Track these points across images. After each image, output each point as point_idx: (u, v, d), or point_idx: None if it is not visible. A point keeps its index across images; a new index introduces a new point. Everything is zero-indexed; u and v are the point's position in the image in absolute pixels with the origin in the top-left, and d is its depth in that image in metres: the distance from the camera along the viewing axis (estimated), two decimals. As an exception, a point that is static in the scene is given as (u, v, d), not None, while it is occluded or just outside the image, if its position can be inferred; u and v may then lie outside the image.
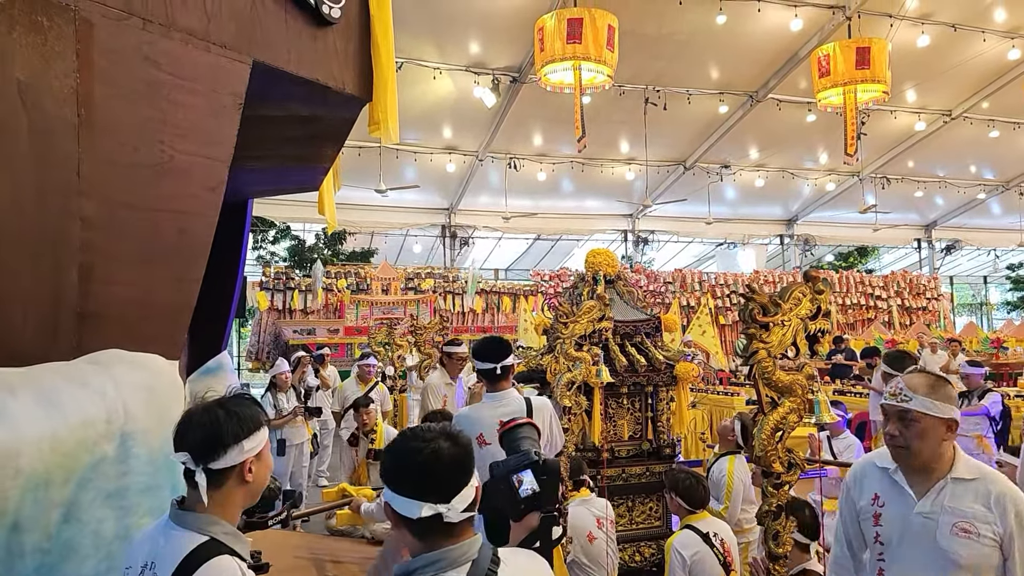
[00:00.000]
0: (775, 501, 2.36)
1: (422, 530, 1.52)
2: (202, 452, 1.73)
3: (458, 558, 1.52)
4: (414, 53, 13.08)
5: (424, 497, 1.50)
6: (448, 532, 1.53)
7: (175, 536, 1.76)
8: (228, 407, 1.79)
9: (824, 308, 2.41)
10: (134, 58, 2.12)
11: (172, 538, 1.76)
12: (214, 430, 1.75)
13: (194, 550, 1.71)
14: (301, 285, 14.49)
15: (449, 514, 1.50)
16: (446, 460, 1.54)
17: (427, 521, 1.50)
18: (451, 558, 1.51)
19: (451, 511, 1.51)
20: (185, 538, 1.74)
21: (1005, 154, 18.51)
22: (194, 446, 1.73)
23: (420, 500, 1.50)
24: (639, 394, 5.10)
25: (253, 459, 1.81)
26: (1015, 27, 13.83)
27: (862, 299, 19.12)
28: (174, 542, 1.75)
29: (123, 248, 2.25)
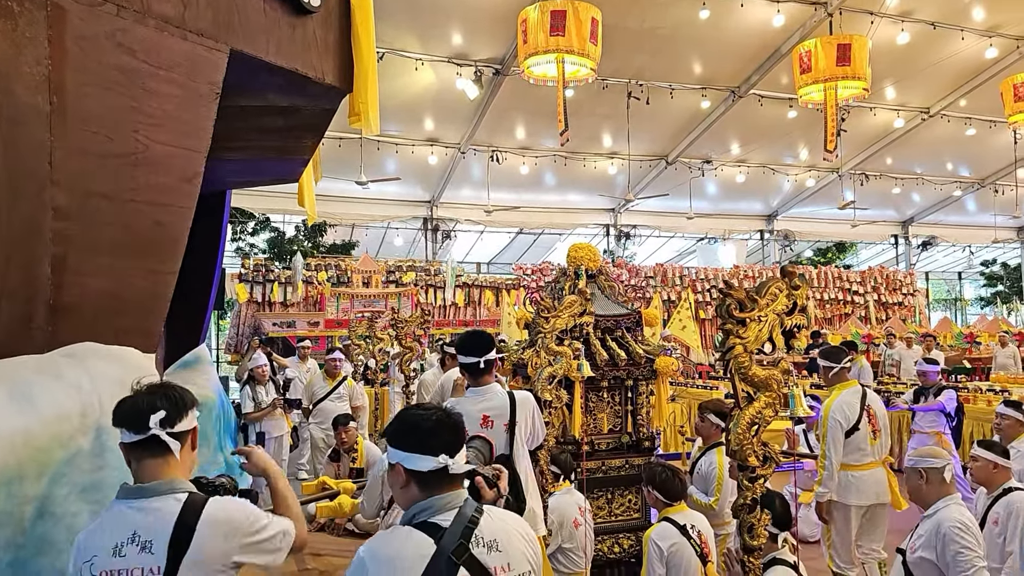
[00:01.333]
0: (750, 494, 2.38)
1: (428, 481, 1.79)
2: (168, 418, 1.93)
3: (446, 504, 1.79)
4: (396, 44, 12.98)
5: (435, 452, 1.77)
6: (448, 483, 1.81)
7: (153, 506, 1.88)
8: (168, 383, 2.03)
9: (800, 304, 2.43)
10: (108, 45, 2.08)
11: (150, 510, 1.88)
12: (176, 397, 1.98)
13: (184, 506, 1.88)
14: (281, 277, 14.37)
15: (454, 467, 1.78)
16: (450, 424, 1.84)
17: (435, 473, 1.78)
18: (440, 504, 1.78)
19: (455, 464, 1.79)
20: (166, 502, 1.89)
21: (981, 152, 18.77)
22: (163, 411, 1.93)
23: (431, 455, 1.77)
24: (619, 388, 5.14)
25: (194, 432, 2.03)
26: (993, 26, 14.01)
27: (840, 294, 19.34)
28: (155, 511, 1.88)
29: (97, 239, 2.21)
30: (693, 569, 3.61)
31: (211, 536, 1.87)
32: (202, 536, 1.85)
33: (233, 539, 1.90)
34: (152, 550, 1.83)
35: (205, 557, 1.86)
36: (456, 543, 1.74)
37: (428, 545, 1.74)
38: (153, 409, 1.91)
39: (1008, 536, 4.26)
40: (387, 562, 1.76)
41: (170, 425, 1.92)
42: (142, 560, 1.83)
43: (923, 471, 3.44)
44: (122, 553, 1.84)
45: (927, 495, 3.42)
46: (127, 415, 1.92)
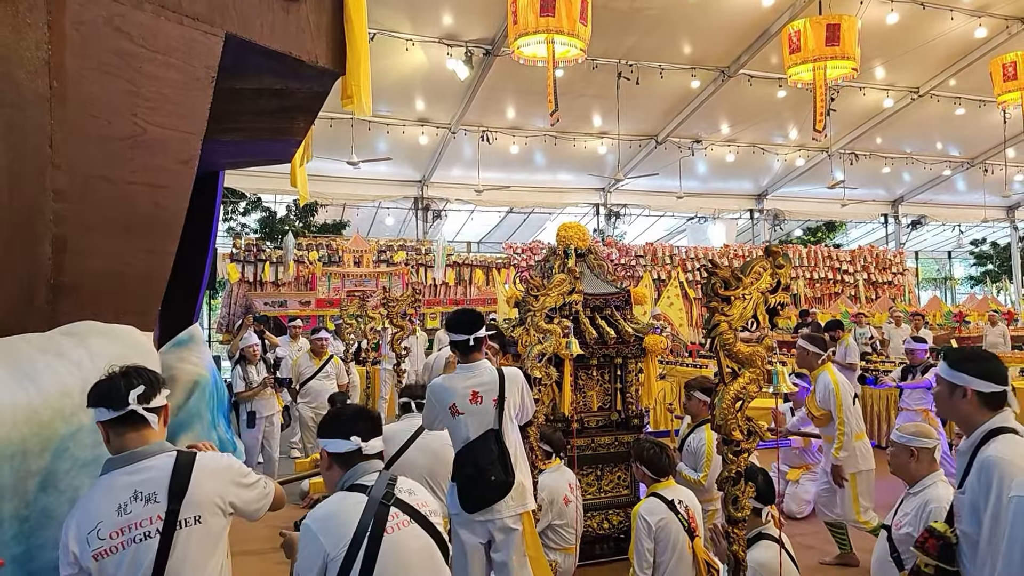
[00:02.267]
0: (734, 468, 2.47)
1: (346, 461, 2.22)
2: (145, 394, 2.08)
3: (367, 470, 2.23)
4: (386, 24, 12.89)
5: (348, 436, 2.21)
6: (363, 461, 2.23)
7: (147, 465, 2.05)
8: (139, 366, 2.15)
9: (784, 282, 2.50)
10: (106, 30, 2.11)
11: (144, 468, 2.05)
12: (151, 377, 2.11)
13: (177, 459, 2.08)
14: (272, 257, 14.37)
15: (367, 448, 2.23)
16: (366, 415, 2.33)
17: (350, 453, 2.20)
18: (362, 471, 2.22)
19: (368, 446, 2.23)
20: (158, 460, 2.07)
21: (971, 131, 18.83)
22: (141, 388, 2.07)
23: (345, 439, 2.21)
24: (608, 366, 5.21)
25: (166, 409, 2.19)
26: (982, 5, 14.02)
27: (829, 273, 19.47)
28: (151, 468, 2.05)
29: (97, 220, 2.26)
30: (681, 543, 3.69)
31: (206, 479, 2.08)
32: (198, 480, 2.06)
33: (225, 480, 2.13)
34: (157, 499, 2.02)
35: (203, 497, 2.07)
36: (384, 491, 2.16)
37: (360, 498, 2.14)
38: (131, 386, 2.05)
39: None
40: (326, 518, 2.13)
41: (147, 401, 2.07)
42: (149, 510, 2.01)
43: (915, 449, 3.50)
44: (128, 511, 2.00)
45: (915, 472, 3.48)
46: (106, 394, 2.05)
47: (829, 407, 5.12)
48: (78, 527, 2.01)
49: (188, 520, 2.04)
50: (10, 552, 2.20)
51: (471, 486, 3.46)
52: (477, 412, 3.51)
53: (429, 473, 4.44)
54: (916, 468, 3.53)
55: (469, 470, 3.46)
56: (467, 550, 3.49)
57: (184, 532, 2.02)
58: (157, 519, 2.00)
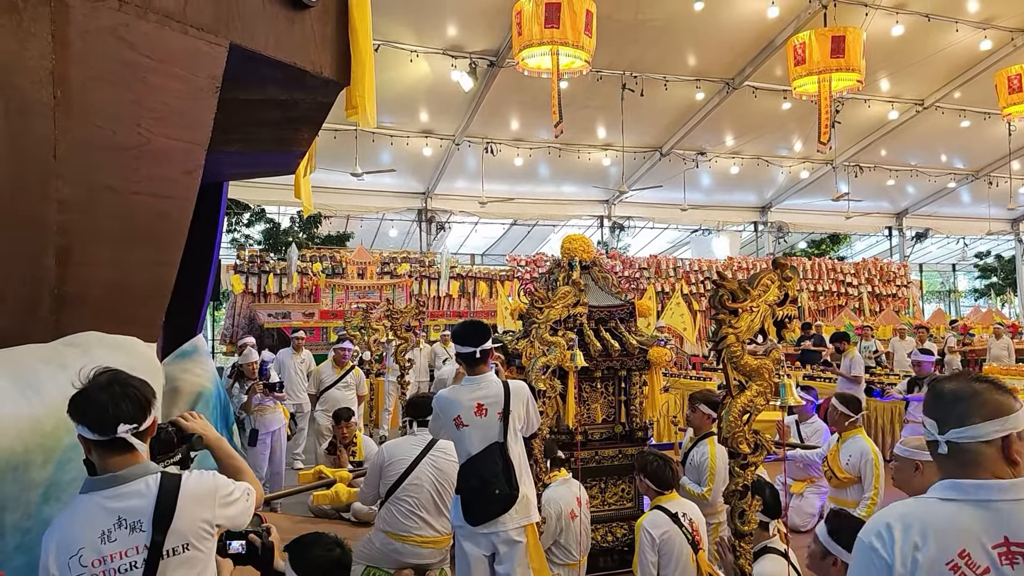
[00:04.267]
0: (741, 481, 2.44)
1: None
2: (135, 418, 1.98)
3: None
4: (391, 35, 12.96)
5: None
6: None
7: (131, 490, 1.98)
8: (126, 378, 2.03)
9: (792, 295, 2.49)
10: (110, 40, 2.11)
11: (129, 494, 1.97)
12: (139, 396, 2.00)
13: (161, 484, 1.99)
14: (276, 268, 14.38)
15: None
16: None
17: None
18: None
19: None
20: (142, 484, 1.99)
21: (975, 144, 18.82)
22: (130, 416, 1.97)
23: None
24: (612, 378, 5.18)
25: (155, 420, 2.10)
26: (988, 18, 14.04)
27: (833, 286, 19.40)
28: (135, 494, 1.97)
29: (101, 231, 2.25)
30: (685, 557, 3.66)
31: (191, 506, 2.02)
32: (183, 508, 2.00)
33: (210, 504, 2.06)
34: (142, 527, 1.96)
35: (189, 526, 2.01)
36: None
37: None
38: (119, 415, 1.95)
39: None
40: None
41: (137, 426, 1.99)
42: (134, 539, 1.95)
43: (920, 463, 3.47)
44: (112, 539, 1.93)
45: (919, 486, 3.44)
46: (92, 419, 1.95)
47: (859, 474, 4.92)
48: (58, 550, 1.95)
49: (174, 549, 1.98)
50: (12, 564, 2.18)
51: (475, 499, 3.43)
52: (482, 425, 3.49)
53: (437, 490, 4.41)
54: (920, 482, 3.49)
55: (473, 483, 3.44)
56: (471, 562, 3.47)
57: (169, 562, 1.97)
58: (142, 549, 1.94)
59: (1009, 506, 1.51)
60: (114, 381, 1.99)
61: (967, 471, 1.57)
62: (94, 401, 1.95)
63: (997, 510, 1.50)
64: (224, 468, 2.31)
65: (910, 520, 1.55)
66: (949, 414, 1.62)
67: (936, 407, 1.66)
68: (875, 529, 1.58)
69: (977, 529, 1.49)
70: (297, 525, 5.92)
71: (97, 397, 1.95)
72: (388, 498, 4.45)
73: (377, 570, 4.45)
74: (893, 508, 1.64)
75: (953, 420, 1.60)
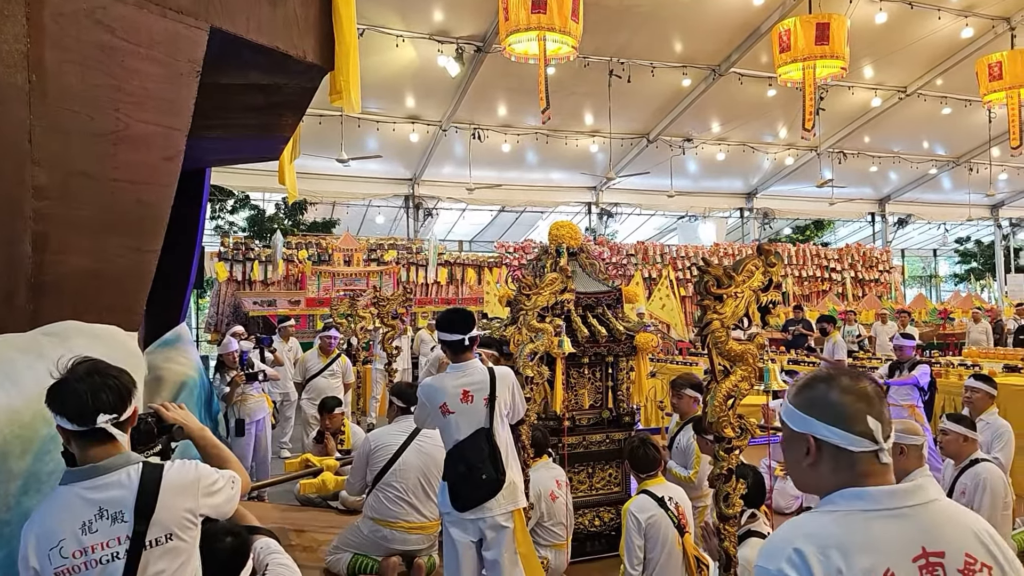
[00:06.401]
0: (726, 465, 2.46)
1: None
2: (115, 408, 1.96)
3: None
4: (376, 20, 12.82)
5: None
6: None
7: (111, 480, 1.96)
8: (105, 368, 2.00)
9: (776, 281, 2.49)
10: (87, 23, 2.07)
11: (109, 484, 1.95)
12: (119, 386, 1.98)
13: (143, 475, 1.97)
14: (261, 256, 14.28)
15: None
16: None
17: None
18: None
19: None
20: (123, 475, 1.97)
21: (956, 131, 18.97)
22: (110, 406, 1.95)
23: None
24: (600, 364, 5.20)
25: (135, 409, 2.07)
26: (969, 5, 14.11)
27: (818, 271, 19.57)
28: (116, 485, 1.95)
29: (78, 218, 2.21)
30: (671, 540, 3.70)
31: (174, 496, 2.00)
32: (165, 498, 1.98)
33: (193, 494, 2.05)
34: (124, 518, 1.94)
35: (172, 516, 1.99)
36: None
37: None
38: (99, 405, 1.93)
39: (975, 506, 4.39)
40: None
41: (117, 416, 1.97)
42: (116, 530, 1.93)
43: (904, 447, 3.52)
44: (93, 529, 1.92)
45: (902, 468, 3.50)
46: (71, 409, 1.93)
47: None
48: (38, 542, 1.93)
49: (157, 540, 1.96)
50: (-8, 556, 2.16)
51: (462, 485, 3.44)
52: (468, 411, 3.49)
53: (424, 475, 4.42)
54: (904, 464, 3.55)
55: (460, 469, 3.45)
56: (458, 548, 3.48)
57: (153, 552, 1.95)
58: (124, 540, 1.93)
59: (917, 511, 1.39)
60: (93, 371, 1.97)
61: (870, 478, 1.41)
62: (73, 391, 1.93)
63: (910, 518, 1.37)
64: (208, 458, 2.29)
65: (825, 541, 1.33)
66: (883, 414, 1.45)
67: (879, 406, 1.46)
68: (783, 554, 1.34)
69: (896, 543, 1.34)
70: (284, 514, 5.92)
71: (76, 387, 1.93)
72: (375, 485, 4.46)
73: (365, 557, 4.46)
74: (795, 527, 1.41)
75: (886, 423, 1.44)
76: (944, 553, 1.35)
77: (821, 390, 1.46)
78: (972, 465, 4.49)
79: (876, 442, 1.41)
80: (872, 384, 1.46)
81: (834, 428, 1.41)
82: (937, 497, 1.43)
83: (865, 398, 1.43)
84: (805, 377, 1.53)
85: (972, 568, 1.36)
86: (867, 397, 1.43)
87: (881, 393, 1.47)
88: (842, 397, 1.43)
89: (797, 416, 1.47)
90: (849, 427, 1.41)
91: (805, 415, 1.45)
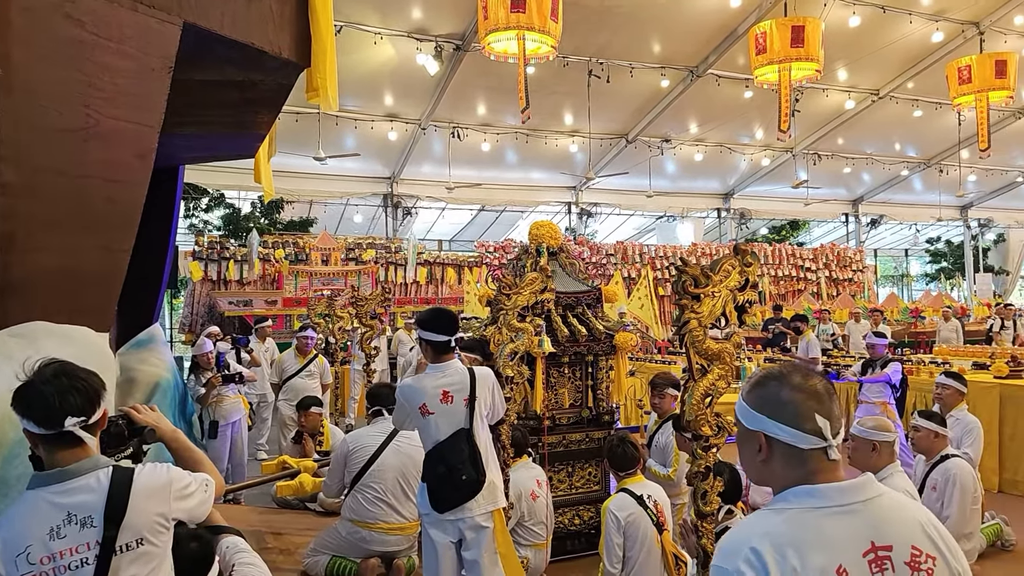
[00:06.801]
0: (704, 463, 2.47)
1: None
2: (84, 411, 1.92)
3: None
4: (353, 17, 12.73)
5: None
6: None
7: (80, 484, 1.92)
8: (73, 369, 1.96)
9: (752, 280, 2.51)
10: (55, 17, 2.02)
11: (78, 488, 1.91)
12: (87, 388, 1.94)
13: (113, 479, 1.93)
14: (237, 255, 14.12)
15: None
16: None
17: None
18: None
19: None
20: (92, 479, 1.93)
21: (927, 133, 19.28)
22: (78, 409, 1.91)
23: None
24: (579, 363, 5.21)
25: (105, 412, 2.03)
26: (940, 10, 14.35)
27: (793, 271, 19.81)
28: (85, 489, 1.91)
29: (47, 216, 2.16)
30: (650, 538, 3.72)
31: (145, 501, 1.96)
32: (136, 503, 1.94)
33: (164, 498, 2.01)
34: (93, 523, 1.90)
35: (143, 521, 1.95)
36: None
37: None
38: (67, 408, 1.89)
39: (945, 501, 4.48)
40: None
41: (86, 419, 1.93)
42: (85, 535, 1.89)
43: (877, 443, 3.57)
44: (61, 535, 1.87)
45: (875, 464, 3.56)
46: (38, 412, 1.89)
47: None
48: (5, 547, 1.88)
49: (128, 545, 1.92)
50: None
51: (442, 486, 3.42)
52: (448, 412, 3.47)
53: (403, 476, 4.40)
54: (876, 460, 3.62)
55: (440, 469, 3.43)
56: (438, 549, 3.46)
57: (123, 557, 1.92)
58: (94, 545, 1.89)
59: (864, 506, 1.40)
60: (61, 373, 1.92)
61: (820, 475, 1.43)
62: (40, 394, 1.88)
63: (859, 513, 1.39)
64: (181, 461, 2.25)
65: (780, 539, 1.35)
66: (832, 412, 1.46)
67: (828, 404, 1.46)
68: (740, 553, 1.36)
69: (847, 539, 1.36)
70: (262, 516, 5.85)
71: (43, 389, 1.88)
72: (354, 486, 4.43)
73: (343, 560, 4.42)
74: (751, 527, 1.44)
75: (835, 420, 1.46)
76: (892, 547, 1.38)
77: (772, 388, 1.47)
78: (943, 461, 4.59)
79: (825, 440, 1.42)
80: (823, 382, 1.48)
81: (784, 426, 1.43)
82: (884, 492, 1.45)
83: (815, 396, 1.44)
84: (757, 375, 1.54)
85: (918, 560, 1.38)
86: (817, 395, 1.45)
87: (832, 391, 1.48)
88: (793, 395, 1.44)
89: (750, 414, 1.49)
90: (799, 425, 1.42)
91: (757, 413, 1.47)
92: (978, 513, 4.70)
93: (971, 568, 4.35)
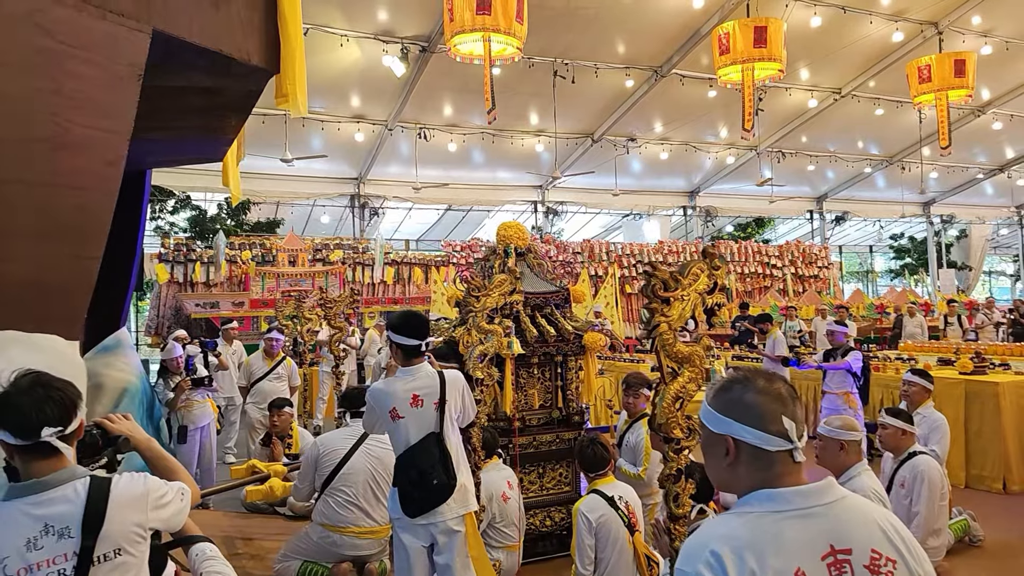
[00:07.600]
0: (675, 465, 2.52)
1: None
2: (60, 421, 1.91)
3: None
4: (320, 19, 12.63)
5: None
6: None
7: (57, 495, 1.91)
8: (49, 380, 1.95)
9: (721, 283, 2.58)
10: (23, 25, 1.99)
11: (55, 500, 1.90)
12: (63, 399, 1.93)
13: (90, 490, 1.93)
14: (203, 257, 13.93)
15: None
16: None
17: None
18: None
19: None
20: (69, 489, 1.92)
21: (889, 131, 19.74)
22: (55, 419, 1.90)
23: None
24: (549, 364, 5.25)
25: (81, 422, 2.01)
26: (899, 11, 14.72)
27: (759, 268, 20.12)
28: (62, 500, 1.91)
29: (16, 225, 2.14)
30: (621, 539, 3.75)
31: (122, 511, 1.96)
32: (114, 514, 1.94)
33: (142, 508, 2.01)
34: (70, 534, 1.89)
35: (120, 531, 1.95)
36: None
37: None
38: (44, 419, 1.88)
39: (914, 498, 4.54)
40: None
41: (63, 429, 1.92)
42: (62, 546, 1.88)
43: (844, 443, 3.65)
44: (38, 546, 1.86)
45: (843, 463, 3.63)
46: (13, 423, 1.88)
47: None
48: None
49: (105, 555, 1.92)
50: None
51: (413, 490, 3.42)
52: (418, 415, 3.47)
53: (373, 479, 4.40)
54: (844, 459, 3.69)
55: (411, 474, 3.42)
56: (410, 554, 3.46)
57: (101, 568, 1.91)
58: (71, 556, 1.88)
59: (825, 510, 1.42)
60: (37, 383, 1.92)
61: (785, 477, 1.45)
62: (15, 404, 1.88)
63: (819, 516, 1.41)
64: (156, 470, 2.25)
65: (739, 543, 1.37)
66: (797, 415, 1.49)
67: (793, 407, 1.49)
68: (700, 557, 1.38)
69: (806, 542, 1.38)
70: (232, 521, 5.79)
71: (19, 400, 1.88)
72: (324, 490, 4.41)
73: (314, 564, 4.40)
74: (711, 530, 1.45)
75: (799, 422, 1.48)
76: (851, 550, 1.39)
77: (737, 392, 1.50)
78: (910, 458, 4.64)
79: (791, 441, 1.45)
80: (786, 386, 1.51)
81: (751, 429, 1.46)
82: (845, 495, 1.47)
83: (780, 399, 1.48)
84: (721, 380, 1.57)
85: (877, 564, 1.40)
86: (782, 398, 1.48)
87: (795, 394, 1.52)
88: (758, 398, 1.47)
89: (715, 418, 1.51)
90: (765, 427, 1.45)
91: (723, 416, 1.50)
92: (946, 509, 4.74)
93: (940, 564, 4.44)
